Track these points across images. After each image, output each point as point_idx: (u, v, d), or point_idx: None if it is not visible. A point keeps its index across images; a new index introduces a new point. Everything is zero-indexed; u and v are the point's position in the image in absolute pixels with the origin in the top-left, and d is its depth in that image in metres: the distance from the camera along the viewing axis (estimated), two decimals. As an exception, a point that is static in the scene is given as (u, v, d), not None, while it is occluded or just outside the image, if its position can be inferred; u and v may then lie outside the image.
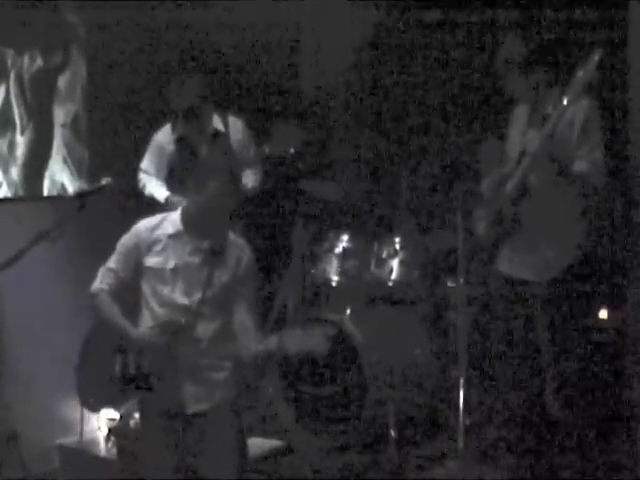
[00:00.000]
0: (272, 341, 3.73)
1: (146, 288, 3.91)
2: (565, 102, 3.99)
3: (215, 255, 3.85)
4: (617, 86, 4.98)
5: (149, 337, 3.81)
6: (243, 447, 3.95)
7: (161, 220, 3.96)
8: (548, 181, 4.15)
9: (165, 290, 3.87)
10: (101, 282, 3.92)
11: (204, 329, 3.85)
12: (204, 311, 3.83)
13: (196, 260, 3.88)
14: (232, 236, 3.97)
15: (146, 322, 3.91)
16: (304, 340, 3.66)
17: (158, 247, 3.89)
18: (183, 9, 5.72)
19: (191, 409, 3.86)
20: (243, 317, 3.87)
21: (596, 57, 3.94)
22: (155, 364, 3.79)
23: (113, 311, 3.88)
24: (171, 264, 3.87)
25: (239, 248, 3.95)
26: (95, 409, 4.26)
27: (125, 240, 3.94)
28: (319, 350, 3.64)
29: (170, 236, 3.90)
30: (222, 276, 3.87)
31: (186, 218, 3.92)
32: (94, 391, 3.94)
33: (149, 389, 3.80)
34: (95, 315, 3.94)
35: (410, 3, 6.14)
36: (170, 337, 3.79)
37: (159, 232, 3.91)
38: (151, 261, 3.89)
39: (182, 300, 3.86)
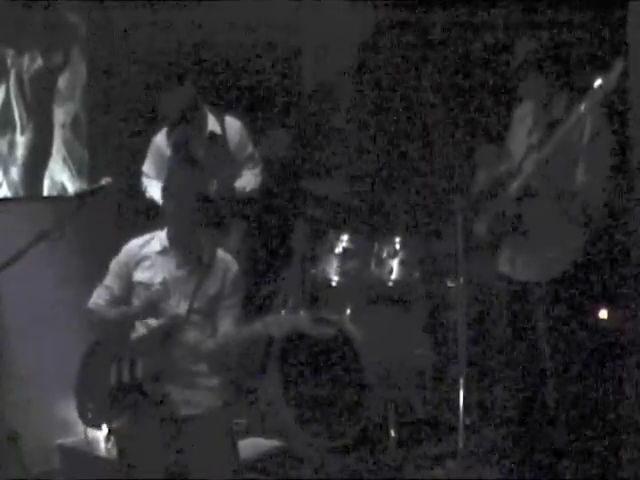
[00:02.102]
0: (257, 325, 3.82)
1: (137, 302, 4.02)
2: (582, 110, 3.95)
3: (202, 267, 3.97)
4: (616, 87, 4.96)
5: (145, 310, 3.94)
6: (235, 452, 3.99)
7: (149, 238, 4.11)
8: (550, 184, 4.13)
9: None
10: (97, 298, 4.07)
11: (194, 336, 3.94)
12: (194, 318, 3.94)
13: (183, 273, 4.02)
14: (220, 252, 4.11)
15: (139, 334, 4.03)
16: (288, 321, 3.77)
17: (147, 263, 4.05)
18: (183, 9, 5.72)
19: (182, 413, 3.92)
20: (228, 330, 3.95)
21: (619, 67, 3.90)
22: (148, 368, 3.88)
23: (108, 312, 4.02)
24: (159, 278, 4.01)
25: (226, 263, 4.08)
26: (93, 424, 4.29)
27: (117, 259, 4.10)
28: (303, 329, 3.72)
29: (158, 253, 4.05)
30: (210, 288, 3.99)
31: (170, 233, 4.05)
32: (92, 406, 4.02)
33: (143, 394, 3.86)
34: (92, 330, 4.09)
35: (410, 3, 6.14)
36: (162, 341, 3.88)
37: (147, 249, 4.07)
38: (140, 276, 4.03)
39: (171, 311, 3.97)
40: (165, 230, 4.10)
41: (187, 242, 4.03)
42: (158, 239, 4.09)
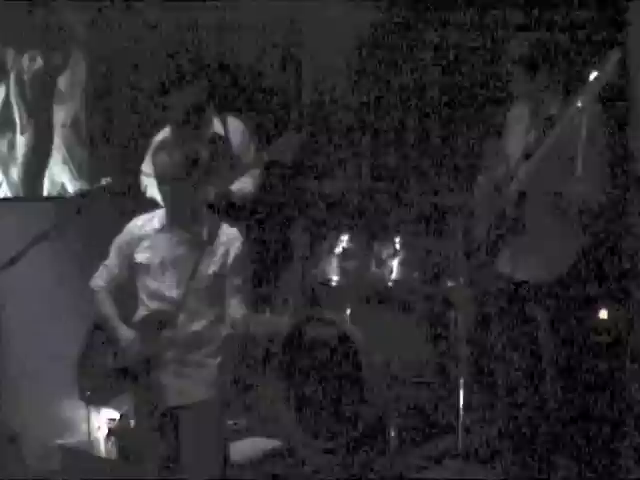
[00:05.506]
0: (238, 322, 3.78)
1: (138, 283, 3.97)
2: (580, 104, 3.93)
3: (201, 245, 3.88)
4: (616, 87, 4.96)
5: (134, 340, 3.86)
6: (222, 445, 3.97)
7: (150, 217, 4.04)
8: (549, 183, 4.13)
9: (154, 284, 3.93)
10: (97, 278, 4.03)
11: (191, 322, 3.88)
12: (191, 303, 3.86)
13: (182, 252, 3.92)
14: (224, 226, 3.99)
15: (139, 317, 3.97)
16: (267, 322, 3.74)
17: (146, 243, 3.96)
18: (183, 9, 5.72)
19: (172, 403, 3.89)
20: (236, 309, 3.86)
21: (614, 58, 3.87)
22: (139, 353, 3.85)
23: (108, 309, 3.97)
24: (158, 258, 3.93)
25: (229, 238, 3.95)
26: (92, 402, 4.28)
27: (118, 238, 4.04)
28: (280, 331, 3.77)
29: (157, 231, 3.97)
30: (210, 267, 3.89)
31: (169, 210, 3.96)
32: (90, 384, 4.00)
33: (135, 379, 3.85)
34: (94, 309, 4.02)
35: (410, 3, 6.14)
36: (157, 328, 3.84)
37: (147, 228, 3.99)
38: (140, 257, 3.96)
39: (170, 293, 3.90)
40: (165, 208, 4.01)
41: (187, 219, 3.93)
42: (158, 217, 3.99)
